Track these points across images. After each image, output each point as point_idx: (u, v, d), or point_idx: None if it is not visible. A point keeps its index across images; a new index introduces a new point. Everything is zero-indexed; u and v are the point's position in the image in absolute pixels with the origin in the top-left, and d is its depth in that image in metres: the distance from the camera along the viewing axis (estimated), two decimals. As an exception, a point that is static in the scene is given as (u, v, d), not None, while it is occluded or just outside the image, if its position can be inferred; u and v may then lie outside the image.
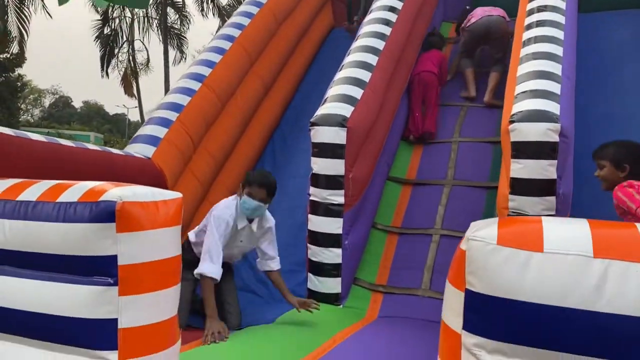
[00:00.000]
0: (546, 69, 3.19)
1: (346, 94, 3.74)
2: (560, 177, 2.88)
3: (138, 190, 1.84)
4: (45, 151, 2.93)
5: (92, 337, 1.76)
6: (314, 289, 3.72)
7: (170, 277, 1.89)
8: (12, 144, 2.70)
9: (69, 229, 1.78)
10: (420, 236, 4.13)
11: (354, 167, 3.66)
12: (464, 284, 1.28)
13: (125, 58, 18.70)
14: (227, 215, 3.19)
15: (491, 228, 1.30)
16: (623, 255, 1.18)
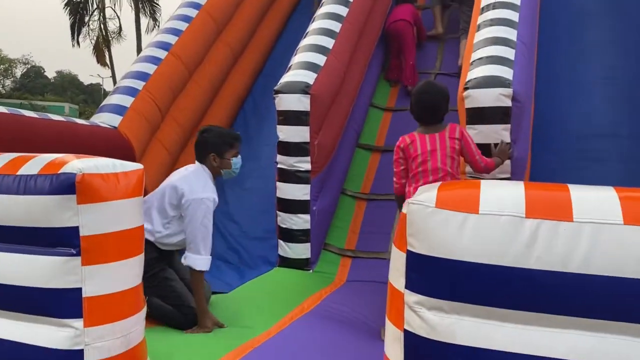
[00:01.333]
0: (501, 35, 3.25)
1: (309, 61, 3.76)
2: (515, 141, 2.97)
3: (99, 162, 1.87)
4: (7, 123, 2.91)
5: (57, 306, 1.80)
6: (284, 255, 3.81)
7: (133, 248, 1.94)
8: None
9: (30, 202, 1.80)
10: (388, 202, 4.22)
11: (319, 134, 3.71)
12: (406, 245, 1.36)
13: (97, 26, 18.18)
14: (212, 193, 2.88)
15: (431, 192, 1.37)
16: (553, 215, 1.26)
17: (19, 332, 1.86)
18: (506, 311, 1.28)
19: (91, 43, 18.54)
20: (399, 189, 2.87)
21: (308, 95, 3.60)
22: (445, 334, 1.30)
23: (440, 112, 2.78)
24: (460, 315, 1.31)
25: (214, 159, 2.94)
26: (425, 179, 2.71)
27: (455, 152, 2.75)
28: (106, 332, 1.84)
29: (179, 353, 2.37)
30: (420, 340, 1.33)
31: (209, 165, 2.96)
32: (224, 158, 2.96)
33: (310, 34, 4.07)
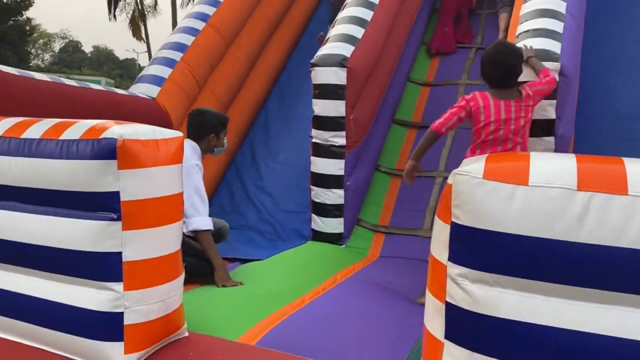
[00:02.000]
0: (550, 7, 3.12)
1: (347, 33, 3.69)
2: (560, 117, 2.87)
3: (139, 129, 1.87)
4: (49, 91, 2.96)
5: (98, 270, 1.84)
6: (317, 229, 3.81)
7: (172, 214, 1.96)
8: (16, 83, 2.73)
9: (72, 166, 1.82)
10: (423, 178, 4.16)
11: (355, 109, 3.66)
12: (450, 216, 1.33)
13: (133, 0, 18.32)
14: (199, 161, 3.07)
15: (479, 163, 1.32)
16: (606, 188, 1.21)
17: (62, 294, 1.91)
18: (553, 285, 1.23)
19: (127, 17, 18.74)
20: (438, 128, 2.72)
21: (345, 68, 3.55)
22: (488, 306, 1.27)
23: (516, 74, 2.65)
24: (504, 288, 1.27)
25: (213, 139, 3.18)
26: (493, 147, 2.62)
27: (529, 120, 2.66)
28: (145, 296, 1.87)
29: (214, 319, 2.41)
30: (463, 313, 1.30)
31: (206, 144, 3.16)
32: (219, 138, 3.23)
33: (349, 6, 4.00)
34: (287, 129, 4.82)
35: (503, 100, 2.62)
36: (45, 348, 1.98)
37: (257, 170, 4.65)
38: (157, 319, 1.93)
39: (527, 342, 1.24)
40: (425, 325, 1.44)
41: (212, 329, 2.27)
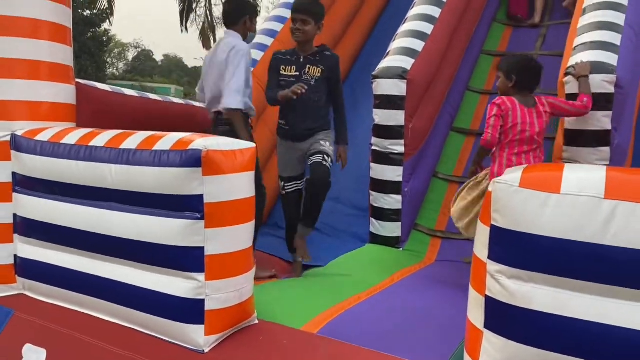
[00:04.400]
0: (608, 20, 3.18)
1: (407, 46, 3.87)
2: (616, 128, 2.93)
3: (220, 141, 2.17)
4: (138, 105, 3.35)
5: (184, 262, 2.13)
6: (375, 232, 4.00)
7: (246, 214, 2.23)
8: (110, 99, 3.12)
9: (163, 172, 2.13)
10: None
11: (414, 118, 3.84)
12: (490, 220, 1.51)
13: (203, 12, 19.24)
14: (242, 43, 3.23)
15: (517, 173, 1.50)
16: (631, 197, 1.35)
17: (153, 282, 2.21)
18: (581, 282, 1.39)
19: (197, 29, 19.67)
20: (491, 142, 2.95)
21: (405, 80, 3.73)
22: (522, 300, 1.44)
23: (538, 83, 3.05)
24: (537, 284, 1.44)
25: (247, 22, 3.30)
26: (520, 147, 2.94)
27: (546, 125, 2.97)
28: (223, 286, 2.15)
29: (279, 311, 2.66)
30: (500, 305, 1.48)
31: (242, 28, 3.29)
32: (253, 23, 3.36)
33: (410, 20, 4.18)
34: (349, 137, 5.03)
35: (527, 107, 2.96)
36: (136, 328, 2.29)
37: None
38: (232, 307, 2.20)
39: (557, 332, 1.40)
40: (468, 316, 1.62)
41: (278, 319, 2.53)
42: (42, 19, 2.69)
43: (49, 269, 2.54)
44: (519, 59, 3.17)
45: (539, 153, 2.97)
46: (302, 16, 3.35)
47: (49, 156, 2.47)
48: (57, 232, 2.48)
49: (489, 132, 2.93)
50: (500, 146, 2.97)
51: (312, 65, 3.42)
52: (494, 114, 2.93)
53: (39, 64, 2.70)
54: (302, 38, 3.38)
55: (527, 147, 2.92)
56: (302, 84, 3.22)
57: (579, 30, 3.27)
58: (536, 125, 2.91)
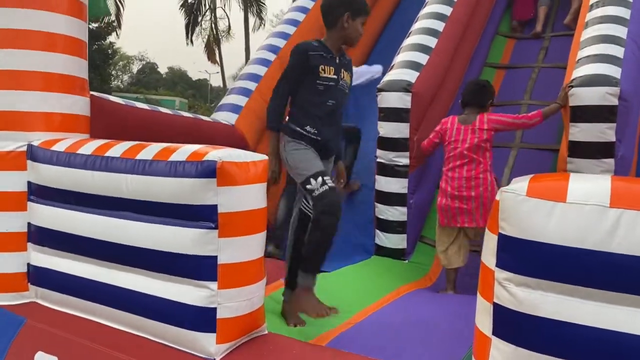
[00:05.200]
0: (611, 33, 3.25)
1: (412, 60, 3.95)
2: (620, 140, 2.98)
3: (233, 152, 2.22)
4: (149, 117, 3.42)
5: (198, 270, 2.17)
6: (381, 244, 4.05)
7: (258, 225, 2.28)
8: (123, 111, 3.19)
9: (179, 183, 2.18)
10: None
11: (418, 131, 3.90)
12: (498, 228, 1.56)
13: (208, 26, 19.44)
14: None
15: (523, 182, 1.55)
16: (635, 206, 1.40)
17: (167, 290, 2.25)
18: (588, 289, 1.43)
19: (203, 42, 19.86)
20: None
21: (409, 93, 3.80)
22: (530, 307, 1.48)
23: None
24: (544, 291, 1.48)
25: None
26: (453, 162, 3.43)
27: (480, 140, 3.35)
28: (235, 295, 2.19)
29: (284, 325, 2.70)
30: (508, 312, 1.52)
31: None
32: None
33: (414, 34, 4.26)
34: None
35: (464, 125, 3.45)
36: (148, 336, 2.32)
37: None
38: (244, 315, 2.24)
39: (565, 339, 1.44)
40: (476, 324, 1.66)
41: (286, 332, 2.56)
42: (58, 32, 2.77)
43: (62, 277, 2.59)
44: (469, 81, 3.70)
45: (474, 166, 3.34)
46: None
47: (65, 166, 2.52)
48: (71, 241, 2.53)
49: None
50: (443, 163, 3.52)
51: (345, 69, 2.85)
52: (435, 129, 3.57)
53: (54, 76, 2.77)
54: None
55: (459, 162, 3.39)
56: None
57: (582, 44, 3.34)
58: (467, 141, 3.34)
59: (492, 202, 3.46)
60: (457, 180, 3.39)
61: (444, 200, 3.44)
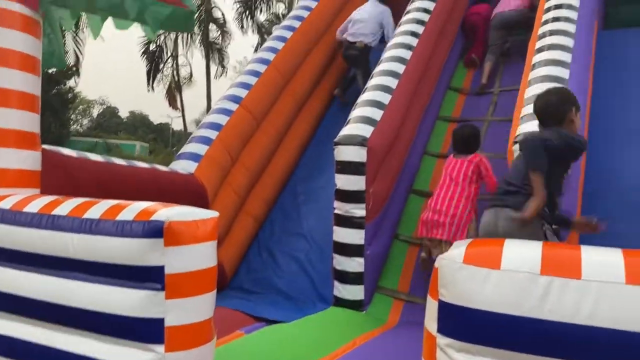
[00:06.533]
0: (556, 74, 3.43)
1: (367, 115, 4.07)
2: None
3: (182, 210, 2.22)
4: (103, 170, 3.38)
5: (144, 333, 2.13)
6: (339, 295, 4.04)
7: (207, 285, 2.25)
8: (75, 164, 3.15)
9: (126, 243, 2.16)
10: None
11: (374, 183, 3.98)
12: (438, 295, 1.59)
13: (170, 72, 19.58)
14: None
15: (461, 249, 1.60)
16: (564, 273, 1.46)
17: (112, 354, 2.19)
18: (524, 355, 1.47)
19: (164, 88, 19.93)
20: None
21: (365, 147, 3.89)
22: (471, 373, 1.51)
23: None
24: (485, 357, 1.52)
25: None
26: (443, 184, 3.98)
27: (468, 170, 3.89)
28: (183, 357, 2.14)
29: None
30: (450, 378, 1.54)
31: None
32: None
33: (369, 90, 4.39)
34: (314, 198, 5.16)
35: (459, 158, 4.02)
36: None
37: (285, 237, 4.96)
38: (192, 378, 2.19)
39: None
40: (420, 388, 1.68)
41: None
42: (11, 88, 2.76)
43: (6, 341, 2.48)
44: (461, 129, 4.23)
45: (460, 190, 3.87)
46: None
47: (11, 224, 2.46)
48: (15, 302, 2.44)
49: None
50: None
51: None
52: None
53: (6, 131, 2.74)
54: None
55: (448, 185, 3.95)
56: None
57: (526, 101, 3.51)
58: (461, 170, 3.91)
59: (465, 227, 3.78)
60: (442, 198, 3.92)
61: (427, 214, 3.97)
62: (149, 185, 3.67)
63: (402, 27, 5.04)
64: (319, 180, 5.35)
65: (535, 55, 3.89)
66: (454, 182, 3.90)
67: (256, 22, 18.53)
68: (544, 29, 4.13)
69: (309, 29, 5.75)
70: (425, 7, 5.26)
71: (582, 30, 4.20)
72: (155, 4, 3.46)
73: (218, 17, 18.69)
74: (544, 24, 4.19)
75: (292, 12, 6.17)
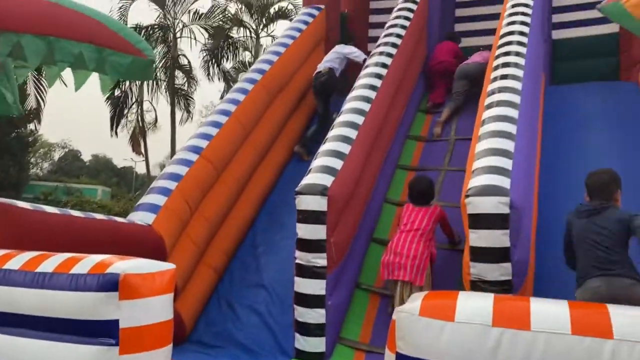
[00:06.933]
0: (500, 147, 3.59)
1: (328, 165, 4.15)
2: (515, 245, 3.22)
3: (138, 263, 2.19)
4: (59, 222, 3.31)
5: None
6: (300, 347, 3.98)
7: (163, 338, 2.22)
8: (30, 218, 3.08)
9: (79, 297, 2.11)
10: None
11: (335, 232, 4.01)
12: (395, 347, 1.62)
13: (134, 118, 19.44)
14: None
15: (417, 302, 1.64)
16: (514, 325, 1.52)
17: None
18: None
19: (128, 133, 19.72)
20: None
21: (326, 196, 3.94)
22: None
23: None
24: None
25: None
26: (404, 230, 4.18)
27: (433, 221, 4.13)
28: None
29: None
30: None
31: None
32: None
33: (330, 140, 4.49)
34: (274, 249, 5.14)
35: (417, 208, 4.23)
36: None
37: (245, 289, 4.89)
38: None
39: None
40: None
41: None
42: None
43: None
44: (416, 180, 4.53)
45: (418, 235, 4.06)
46: None
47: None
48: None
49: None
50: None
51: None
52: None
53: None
54: None
55: (408, 231, 4.11)
56: None
57: (476, 155, 3.65)
58: (417, 218, 4.13)
59: (424, 270, 3.90)
60: (402, 241, 4.09)
61: (388, 257, 4.11)
62: (105, 237, 3.60)
63: (361, 81, 5.21)
64: (280, 231, 5.35)
65: (485, 111, 4.08)
66: (414, 228, 4.09)
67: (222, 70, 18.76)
68: (492, 85, 4.36)
69: (270, 81, 5.88)
70: (383, 62, 5.48)
71: (529, 86, 4.45)
72: (114, 55, 3.50)
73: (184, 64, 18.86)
74: (493, 81, 4.42)
75: (254, 65, 6.31)
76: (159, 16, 17.94)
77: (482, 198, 3.22)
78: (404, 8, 6.39)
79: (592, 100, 5.85)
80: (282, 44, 6.42)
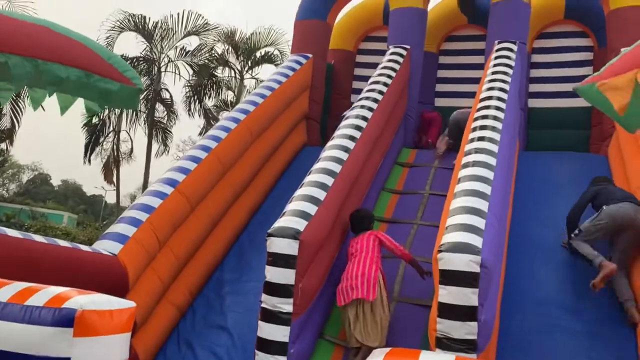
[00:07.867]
0: (474, 206, 3.65)
1: (302, 209, 4.14)
2: (482, 304, 3.22)
3: (97, 299, 2.11)
4: (20, 247, 3.20)
5: None
6: (260, 396, 3.85)
7: (117, 381, 2.11)
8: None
9: (32, 331, 2.01)
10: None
11: (304, 278, 3.96)
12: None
13: (110, 147, 19.18)
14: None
15: (379, 359, 1.61)
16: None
17: None
18: None
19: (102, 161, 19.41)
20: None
21: (297, 241, 3.92)
22: None
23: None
24: None
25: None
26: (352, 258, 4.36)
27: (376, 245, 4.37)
28: None
29: None
30: None
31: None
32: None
33: (306, 185, 4.50)
34: (241, 290, 5.05)
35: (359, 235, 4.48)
36: None
37: (207, 330, 4.76)
38: None
39: None
40: None
41: None
42: None
43: None
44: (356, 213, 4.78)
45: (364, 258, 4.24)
46: None
47: None
48: None
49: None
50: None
51: None
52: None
53: None
54: None
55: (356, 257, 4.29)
56: None
57: (451, 212, 3.70)
58: (364, 244, 4.35)
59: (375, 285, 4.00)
60: (352, 267, 4.25)
61: (341, 284, 4.23)
62: (67, 265, 3.50)
63: (341, 131, 5.29)
64: (248, 272, 5.28)
65: (461, 170, 4.16)
66: (364, 253, 4.31)
67: (203, 107, 18.80)
68: (470, 146, 4.46)
69: (252, 123, 5.93)
70: (364, 115, 5.58)
71: (505, 150, 4.57)
72: (102, 81, 3.50)
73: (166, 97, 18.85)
74: (471, 142, 4.53)
75: (238, 105, 6.37)
76: (145, 49, 18.03)
77: (455, 255, 3.24)
78: (388, 67, 6.58)
79: (562, 169, 6.05)
80: (268, 87, 6.52)
